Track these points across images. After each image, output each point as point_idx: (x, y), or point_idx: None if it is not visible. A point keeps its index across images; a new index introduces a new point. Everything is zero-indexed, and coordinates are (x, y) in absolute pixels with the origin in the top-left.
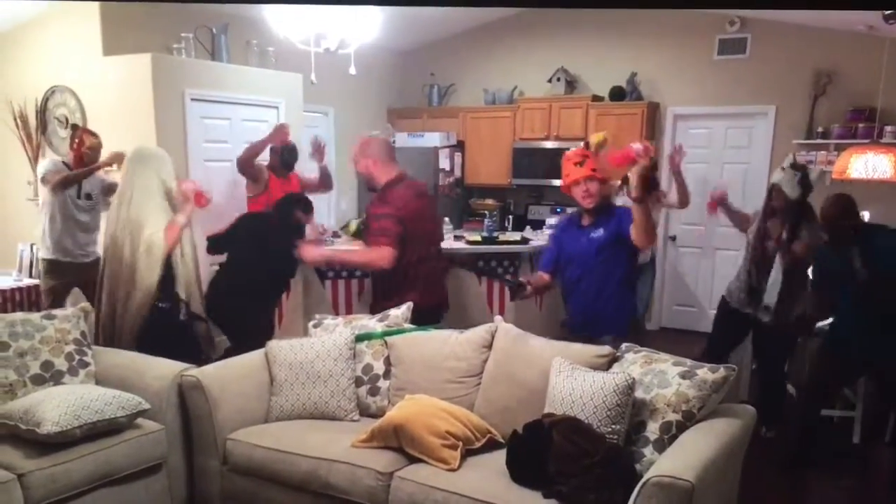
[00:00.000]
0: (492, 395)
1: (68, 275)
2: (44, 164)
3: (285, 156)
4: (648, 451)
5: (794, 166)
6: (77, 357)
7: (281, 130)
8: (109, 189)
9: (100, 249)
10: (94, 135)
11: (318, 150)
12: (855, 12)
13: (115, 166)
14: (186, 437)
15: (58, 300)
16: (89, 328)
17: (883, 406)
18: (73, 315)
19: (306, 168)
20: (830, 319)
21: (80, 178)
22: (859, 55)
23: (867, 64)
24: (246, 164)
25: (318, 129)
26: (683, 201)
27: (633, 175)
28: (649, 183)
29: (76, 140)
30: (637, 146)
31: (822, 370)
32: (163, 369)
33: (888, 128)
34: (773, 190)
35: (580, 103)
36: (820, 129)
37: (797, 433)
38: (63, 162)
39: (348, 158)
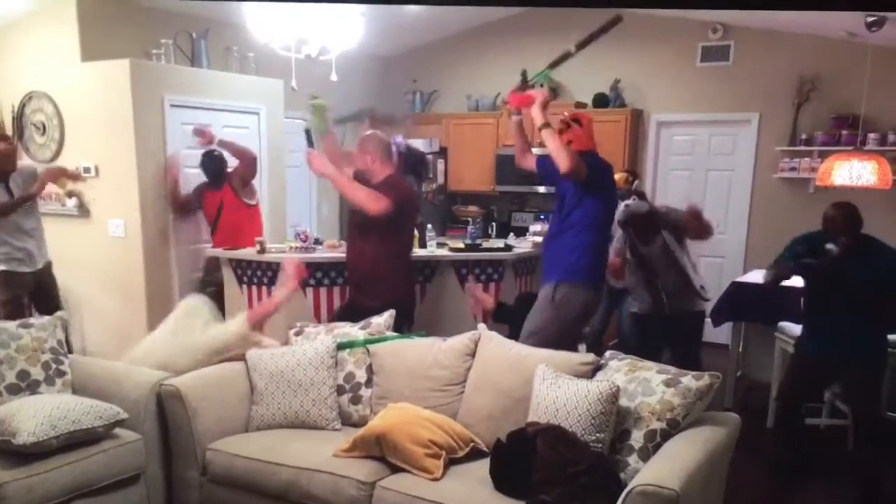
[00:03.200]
0: (475, 404)
1: (23, 285)
2: None
3: (207, 166)
4: (633, 460)
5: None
6: (53, 366)
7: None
8: (32, 177)
9: (49, 254)
10: (4, 139)
11: (199, 134)
12: (838, 20)
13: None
14: (166, 447)
15: (17, 311)
16: (66, 337)
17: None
18: (49, 324)
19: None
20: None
21: (17, 206)
22: (842, 62)
23: (850, 71)
24: (178, 208)
25: (299, 136)
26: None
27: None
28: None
29: None
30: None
31: (796, 376)
32: (141, 378)
33: (871, 135)
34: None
35: (563, 110)
36: (803, 136)
37: (780, 440)
38: None
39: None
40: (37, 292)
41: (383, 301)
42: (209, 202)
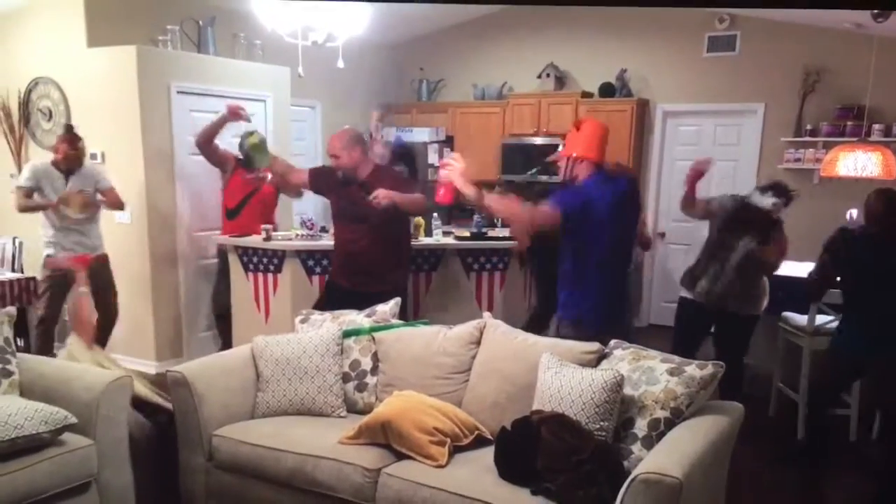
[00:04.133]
0: (480, 392)
1: (65, 271)
2: (24, 173)
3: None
4: (636, 448)
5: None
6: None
7: (232, 109)
8: (91, 177)
9: (104, 247)
10: (73, 145)
11: (234, 113)
12: (844, 11)
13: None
14: (141, 452)
15: (55, 293)
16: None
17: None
18: None
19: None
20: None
21: (38, 209)
22: (848, 53)
23: (856, 62)
24: (202, 146)
25: (306, 124)
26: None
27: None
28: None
29: (63, 144)
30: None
31: (830, 369)
32: (92, 379)
33: (876, 126)
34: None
35: (569, 99)
36: (808, 127)
37: (807, 432)
38: (52, 163)
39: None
40: (90, 281)
41: (394, 287)
42: (240, 182)
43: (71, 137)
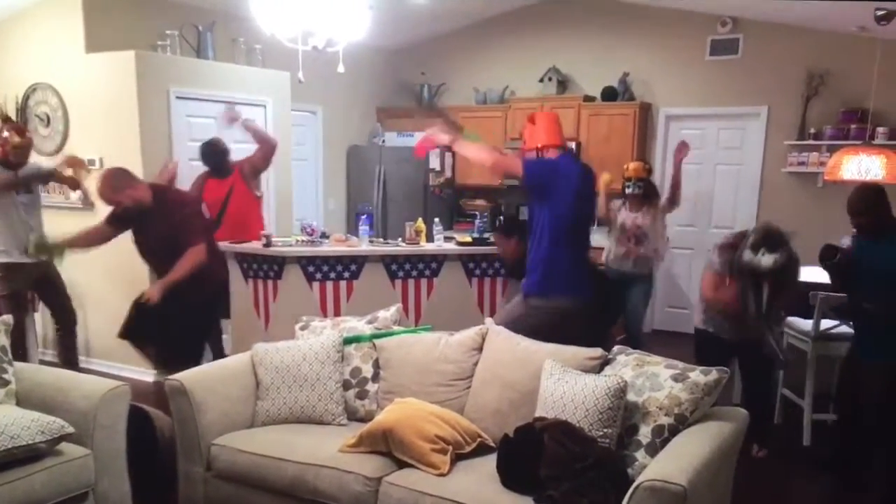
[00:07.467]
0: (482, 399)
1: (25, 276)
2: None
3: (207, 155)
4: (640, 455)
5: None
6: None
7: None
8: (48, 175)
9: None
10: (20, 132)
11: (228, 117)
12: (848, 13)
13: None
14: (131, 459)
15: (20, 305)
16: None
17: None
18: None
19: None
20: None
21: (27, 182)
22: (851, 56)
23: (859, 65)
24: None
25: (307, 128)
26: (673, 200)
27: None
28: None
29: (10, 133)
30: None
31: (848, 380)
32: (90, 388)
33: (880, 129)
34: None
35: (572, 103)
36: (812, 130)
37: (832, 454)
38: None
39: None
40: (42, 285)
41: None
42: (213, 191)
43: (17, 126)
